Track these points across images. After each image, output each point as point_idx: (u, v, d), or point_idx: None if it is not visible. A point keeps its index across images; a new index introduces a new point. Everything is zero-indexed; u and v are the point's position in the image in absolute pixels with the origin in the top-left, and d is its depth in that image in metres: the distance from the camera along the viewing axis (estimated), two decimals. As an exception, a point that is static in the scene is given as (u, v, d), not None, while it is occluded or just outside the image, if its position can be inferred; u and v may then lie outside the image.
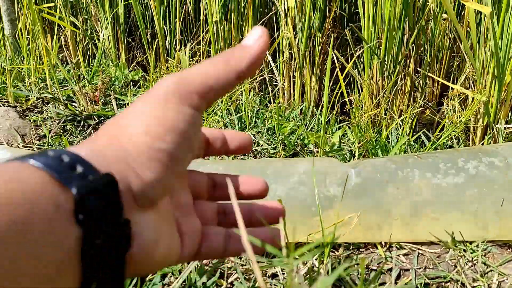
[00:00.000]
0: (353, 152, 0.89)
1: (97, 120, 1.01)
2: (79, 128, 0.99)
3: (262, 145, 0.94)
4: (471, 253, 0.63)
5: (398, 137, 0.91)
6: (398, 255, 0.64)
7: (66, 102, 1.05)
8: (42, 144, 0.93)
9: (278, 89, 1.22)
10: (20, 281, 0.19)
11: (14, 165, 0.22)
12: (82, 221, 0.21)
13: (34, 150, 0.91)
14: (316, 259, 0.62)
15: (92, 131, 1.00)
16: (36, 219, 0.20)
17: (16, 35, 1.41)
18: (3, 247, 0.18)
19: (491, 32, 0.78)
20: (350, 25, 1.16)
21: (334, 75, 1.08)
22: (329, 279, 0.24)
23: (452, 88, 0.97)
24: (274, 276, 0.61)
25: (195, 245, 0.30)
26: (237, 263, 0.61)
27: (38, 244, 0.20)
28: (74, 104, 1.07)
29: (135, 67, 1.44)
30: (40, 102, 1.08)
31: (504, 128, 0.87)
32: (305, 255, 0.28)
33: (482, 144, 0.90)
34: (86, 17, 1.51)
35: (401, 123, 0.97)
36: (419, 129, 1.02)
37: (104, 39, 1.42)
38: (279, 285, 0.58)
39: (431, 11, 1.03)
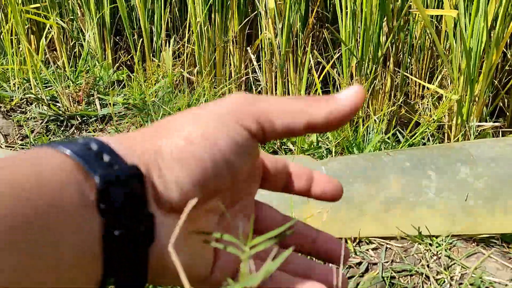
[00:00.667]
0: (330, 150, 0.91)
1: (80, 120, 1.03)
2: (62, 128, 1.00)
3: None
4: (437, 247, 0.65)
5: (374, 135, 0.93)
6: (367, 250, 0.66)
7: (49, 102, 1.07)
8: (24, 144, 0.94)
9: (262, 88, 1.23)
10: (40, 266, 0.19)
11: (43, 150, 0.22)
12: (104, 211, 0.21)
13: (17, 150, 0.92)
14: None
15: (75, 131, 1.01)
16: (61, 204, 0.20)
17: (1, 36, 1.42)
18: (28, 231, 0.19)
19: (458, 34, 0.80)
20: (327, 25, 1.18)
21: (318, 73, 1.10)
22: (273, 264, 0.25)
23: (428, 88, 0.99)
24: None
25: (231, 270, 0.28)
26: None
27: (60, 230, 0.20)
28: (57, 104, 1.08)
29: (121, 67, 1.45)
30: (24, 102, 1.09)
31: (477, 126, 0.89)
32: (261, 244, 0.28)
33: (456, 141, 0.92)
34: (73, 17, 1.52)
35: (378, 121, 0.99)
36: (399, 127, 1.04)
37: (89, 39, 1.43)
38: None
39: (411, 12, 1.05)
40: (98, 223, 0.21)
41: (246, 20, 1.28)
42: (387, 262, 0.64)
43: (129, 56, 1.47)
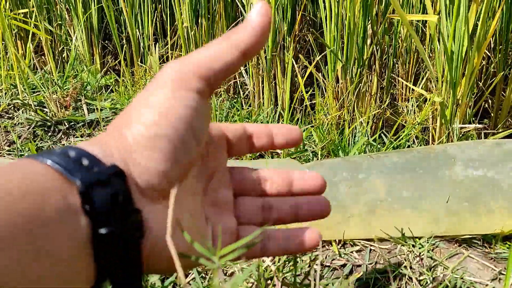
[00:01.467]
0: (316, 153, 0.92)
1: (67, 125, 1.03)
2: (49, 133, 1.01)
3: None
4: (420, 248, 0.66)
5: (359, 138, 0.94)
6: (352, 252, 0.67)
7: (37, 108, 1.07)
8: (11, 150, 0.94)
9: (249, 92, 1.24)
10: (32, 275, 0.19)
11: (25, 162, 0.22)
12: (89, 212, 0.22)
13: (4, 156, 0.92)
14: (271, 260, 0.64)
15: (63, 136, 1.01)
16: (47, 213, 0.20)
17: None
18: (16, 237, 0.19)
19: (440, 36, 0.81)
20: (311, 29, 1.19)
21: (305, 77, 1.10)
22: (241, 277, 0.25)
23: (413, 90, 1.00)
24: (232, 274, 0.63)
25: (228, 244, 0.29)
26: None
27: (49, 237, 0.20)
28: (45, 109, 1.08)
29: (109, 72, 1.45)
30: (11, 108, 1.09)
31: (460, 127, 0.90)
32: (231, 254, 0.29)
33: (440, 143, 0.93)
34: (61, 22, 1.52)
35: (364, 124, 1.00)
36: (385, 130, 1.05)
37: (77, 44, 1.43)
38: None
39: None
40: (85, 225, 0.21)
41: (233, 24, 1.29)
42: (371, 263, 0.65)
43: (117, 61, 1.47)
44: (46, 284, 0.20)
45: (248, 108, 1.16)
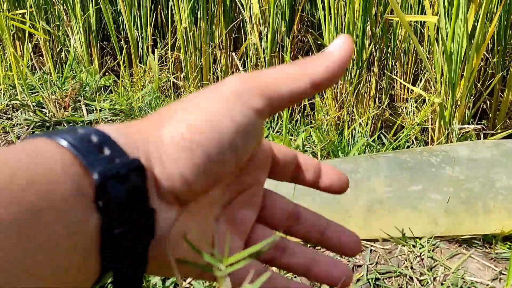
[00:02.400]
0: (316, 153, 0.92)
1: (66, 126, 1.03)
2: (48, 134, 1.00)
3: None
4: (420, 248, 0.66)
5: (359, 139, 0.94)
6: (352, 252, 0.67)
7: (35, 108, 1.06)
8: (10, 151, 0.94)
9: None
10: (33, 270, 0.18)
11: (39, 141, 0.21)
12: (102, 209, 0.20)
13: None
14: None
15: (62, 137, 1.01)
16: (54, 203, 0.19)
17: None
18: (16, 231, 0.17)
19: (438, 37, 0.81)
20: (311, 30, 1.19)
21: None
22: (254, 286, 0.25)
23: (412, 90, 1.00)
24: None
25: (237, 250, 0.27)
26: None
27: (53, 230, 0.19)
28: (43, 110, 1.08)
29: (108, 73, 1.45)
30: (10, 108, 1.09)
31: (459, 128, 0.91)
32: (239, 262, 0.27)
33: (439, 144, 0.93)
34: (59, 23, 1.51)
35: (363, 125, 1.00)
36: (384, 130, 1.06)
37: (75, 45, 1.43)
38: None
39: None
40: (95, 221, 0.20)
41: (232, 25, 1.29)
42: (371, 264, 0.65)
43: (115, 62, 1.47)
44: (46, 282, 0.19)
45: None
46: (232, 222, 0.28)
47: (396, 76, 1.14)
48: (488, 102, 1.16)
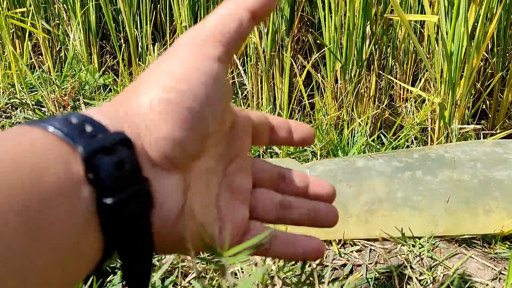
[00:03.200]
0: (316, 153, 0.92)
1: (66, 125, 1.03)
2: (48, 133, 1.00)
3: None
4: (420, 248, 0.66)
5: (358, 138, 0.94)
6: (352, 251, 0.67)
7: (35, 107, 1.06)
8: (9, 149, 0.94)
9: (248, 92, 1.24)
10: (37, 252, 0.18)
11: (22, 129, 0.21)
12: (93, 180, 0.20)
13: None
14: (271, 259, 0.64)
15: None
16: (46, 182, 0.19)
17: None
18: (16, 215, 0.17)
19: (438, 37, 0.81)
20: (311, 30, 1.19)
21: (303, 77, 1.10)
22: (250, 280, 0.25)
23: (411, 91, 1.00)
24: (234, 274, 0.63)
25: (235, 235, 0.28)
26: (196, 262, 0.63)
27: (50, 208, 0.19)
28: (43, 109, 1.08)
29: (107, 71, 1.45)
30: (9, 107, 1.09)
31: (459, 128, 0.91)
32: (239, 254, 0.28)
33: (439, 144, 0.93)
34: (58, 22, 1.51)
35: (363, 125, 1.00)
36: (384, 130, 1.05)
37: (75, 43, 1.43)
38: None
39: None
40: (88, 194, 0.20)
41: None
42: (371, 263, 0.65)
43: (115, 61, 1.47)
44: (50, 270, 0.19)
45: (246, 108, 1.16)
46: (233, 191, 0.28)
47: (396, 75, 1.14)
48: (487, 102, 1.16)
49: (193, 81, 0.23)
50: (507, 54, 1.11)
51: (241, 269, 0.63)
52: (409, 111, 0.97)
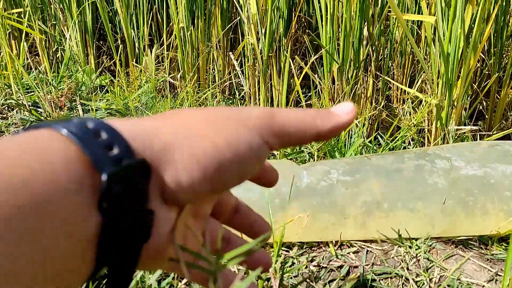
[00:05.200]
0: (313, 154, 0.92)
1: (62, 126, 1.02)
2: (44, 134, 1.00)
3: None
4: (416, 249, 0.66)
5: (355, 139, 0.94)
6: (348, 253, 0.67)
7: (31, 108, 1.06)
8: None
9: (245, 93, 1.24)
10: (30, 255, 0.18)
11: (43, 133, 0.20)
12: (105, 209, 0.20)
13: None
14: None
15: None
16: (55, 201, 0.18)
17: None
18: (15, 230, 0.17)
19: (435, 38, 0.81)
20: (308, 31, 1.19)
21: (301, 78, 1.10)
22: (243, 283, 0.25)
23: (408, 92, 1.00)
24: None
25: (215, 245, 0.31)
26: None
27: (53, 230, 0.18)
28: (39, 110, 1.07)
29: (104, 72, 1.45)
30: (5, 108, 1.08)
31: (456, 129, 0.91)
32: (234, 260, 0.28)
33: (436, 145, 0.93)
34: (55, 22, 1.51)
35: (360, 126, 1.00)
36: (381, 131, 1.05)
37: (71, 44, 1.42)
38: None
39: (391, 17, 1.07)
40: (95, 221, 0.20)
41: (229, 25, 1.29)
42: (367, 265, 0.65)
43: (112, 62, 1.47)
44: (42, 283, 0.19)
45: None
46: (196, 217, 0.30)
47: (393, 76, 1.14)
48: (484, 103, 1.16)
49: (240, 151, 0.25)
50: (504, 55, 1.11)
51: (238, 270, 0.63)
52: (406, 112, 0.97)
